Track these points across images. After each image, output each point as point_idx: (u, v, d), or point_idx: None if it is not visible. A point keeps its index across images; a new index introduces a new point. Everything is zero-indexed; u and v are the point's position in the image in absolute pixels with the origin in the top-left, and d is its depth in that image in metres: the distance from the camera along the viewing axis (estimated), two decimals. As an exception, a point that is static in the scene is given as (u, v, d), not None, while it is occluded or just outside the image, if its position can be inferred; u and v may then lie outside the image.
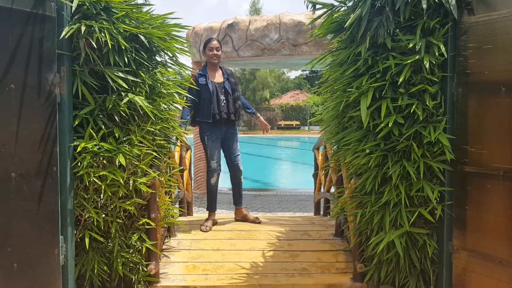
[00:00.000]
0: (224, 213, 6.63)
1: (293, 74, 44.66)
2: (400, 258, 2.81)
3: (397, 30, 2.71)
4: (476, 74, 2.52)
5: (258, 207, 7.18)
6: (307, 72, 43.25)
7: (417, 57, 2.58)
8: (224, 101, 4.41)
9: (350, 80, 2.90)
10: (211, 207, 4.61)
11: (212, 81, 4.42)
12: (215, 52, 4.44)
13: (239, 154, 4.61)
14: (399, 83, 2.66)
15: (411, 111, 2.64)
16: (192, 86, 4.06)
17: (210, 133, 4.47)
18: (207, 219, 4.52)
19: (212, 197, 4.61)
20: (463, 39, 2.57)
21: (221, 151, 4.60)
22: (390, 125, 2.63)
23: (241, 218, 4.70)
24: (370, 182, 2.81)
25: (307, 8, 3.10)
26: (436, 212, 2.71)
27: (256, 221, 4.56)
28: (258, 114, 4.89)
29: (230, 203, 7.45)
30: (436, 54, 2.60)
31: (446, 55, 2.61)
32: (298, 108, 33.38)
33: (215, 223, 4.56)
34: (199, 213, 6.37)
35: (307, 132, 29.13)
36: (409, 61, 2.59)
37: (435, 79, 2.65)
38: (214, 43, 4.48)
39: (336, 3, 2.97)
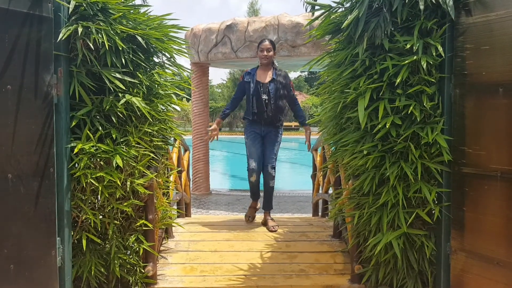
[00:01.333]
0: (222, 214, 6.63)
1: (291, 76, 44.70)
2: (398, 259, 2.81)
3: (395, 31, 2.71)
4: (474, 75, 2.52)
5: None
6: (306, 73, 43.27)
7: (415, 58, 2.58)
8: (266, 101, 4.40)
9: (348, 81, 2.90)
10: (254, 197, 4.75)
11: (258, 80, 4.43)
12: (265, 53, 4.44)
13: (273, 158, 4.52)
14: (396, 84, 2.65)
15: (409, 112, 2.64)
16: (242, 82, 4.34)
17: (250, 131, 4.53)
18: (249, 207, 4.78)
19: (254, 190, 4.66)
20: (461, 40, 2.57)
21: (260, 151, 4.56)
22: (387, 126, 2.63)
23: (264, 222, 4.63)
24: (368, 183, 2.81)
25: (306, 10, 3.11)
26: (433, 213, 2.70)
27: (271, 228, 4.40)
28: (308, 126, 4.69)
29: (229, 204, 7.47)
30: (434, 55, 2.60)
31: (443, 56, 2.61)
32: (297, 109, 33.30)
33: (257, 209, 4.79)
34: (197, 215, 6.38)
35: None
36: (407, 62, 2.59)
37: (433, 80, 2.65)
38: (266, 43, 4.47)
39: (333, 4, 2.97)
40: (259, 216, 4.81)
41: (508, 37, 2.34)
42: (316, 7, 3.03)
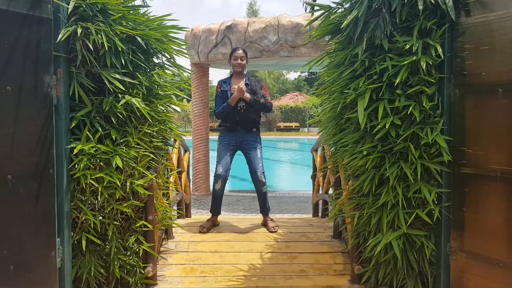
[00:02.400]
0: (222, 215, 6.62)
1: (292, 76, 44.71)
2: (398, 259, 2.80)
3: (394, 31, 2.71)
4: (473, 75, 2.51)
5: (257, 208, 7.12)
6: (306, 73, 43.28)
7: (414, 58, 2.57)
8: (244, 107, 4.40)
9: (347, 82, 2.89)
10: (213, 210, 4.59)
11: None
12: (239, 61, 4.48)
13: (260, 163, 4.49)
14: (396, 84, 2.65)
15: (408, 112, 2.63)
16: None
17: (224, 138, 4.53)
18: (207, 220, 4.52)
19: (215, 202, 4.57)
20: (460, 40, 2.57)
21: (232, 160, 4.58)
22: (387, 127, 2.63)
23: (264, 223, 4.64)
24: (368, 183, 2.81)
25: (306, 10, 3.11)
26: (433, 213, 2.70)
27: (271, 229, 4.41)
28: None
29: (229, 205, 7.47)
30: (433, 55, 2.59)
31: (443, 56, 2.61)
32: (297, 109, 33.39)
33: (215, 225, 4.55)
34: (197, 215, 6.37)
35: (306, 134, 29.13)
36: (406, 62, 2.59)
37: (432, 80, 2.65)
38: (239, 52, 4.51)
39: (333, 5, 2.97)
40: (259, 217, 4.81)
41: (508, 38, 2.34)
42: (316, 8, 3.03)
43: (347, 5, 2.91)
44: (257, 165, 4.49)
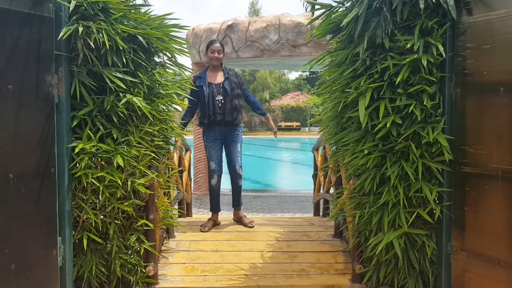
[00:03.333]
0: (224, 214, 6.62)
1: (293, 75, 44.68)
2: (399, 259, 2.80)
3: (395, 30, 2.71)
4: (475, 74, 2.51)
5: (258, 208, 7.18)
6: (307, 73, 43.25)
7: (415, 57, 2.57)
8: (222, 101, 4.39)
9: (349, 81, 2.89)
10: (213, 208, 4.60)
11: (210, 82, 4.42)
12: (216, 55, 4.44)
13: (239, 157, 4.53)
14: (397, 84, 2.65)
15: (409, 111, 2.63)
16: (192, 87, 4.12)
17: (209, 134, 4.51)
18: (208, 219, 4.52)
19: (213, 198, 4.59)
20: (462, 39, 2.57)
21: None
22: (388, 126, 2.63)
23: (237, 219, 4.68)
24: (369, 182, 2.81)
25: (306, 10, 3.10)
26: (434, 213, 2.70)
27: (249, 225, 4.48)
28: (268, 115, 4.84)
29: (230, 204, 7.44)
30: (435, 54, 2.59)
31: (444, 55, 2.61)
32: (298, 109, 33.38)
33: (216, 224, 4.56)
34: (199, 214, 6.38)
35: (307, 133, 29.13)
36: (407, 61, 2.59)
37: (434, 79, 2.65)
38: (216, 45, 4.47)
39: (334, 4, 2.97)
40: (261, 216, 4.81)
41: (509, 36, 2.34)
42: (317, 7, 3.03)
43: (348, 4, 2.91)
44: (236, 158, 4.52)
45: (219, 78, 4.46)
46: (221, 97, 4.40)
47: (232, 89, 4.43)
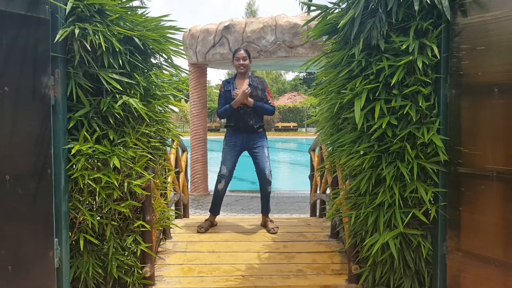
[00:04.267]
0: (221, 215, 6.63)
1: (289, 76, 44.69)
2: (395, 259, 2.81)
3: (391, 31, 2.72)
4: (469, 75, 2.53)
5: (255, 208, 7.18)
6: (304, 74, 43.29)
7: (411, 58, 2.59)
8: (242, 109, 4.37)
9: (344, 82, 2.91)
10: (213, 210, 4.56)
11: (237, 88, 4.41)
12: (241, 62, 4.43)
13: (267, 162, 4.47)
14: (392, 85, 2.66)
15: (405, 112, 2.65)
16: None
17: (229, 139, 4.50)
18: (206, 220, 4.51)
19: (216, 201, 4.55)
20: (456, 40, 2.58)
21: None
22: (383, 127, 2.64)
23: (263, 224, 4.61)
24: (365, 183, 2.82)
25: (302, 9, 3.12)
26: (430, 213, 2.71)
27: (272, 231, 4.38)
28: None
29: (227, 205, 7.48)
30: (430, 55, 2.61)
31: (439, 57, 2.62)
32: (295, 110, 33.40)
33: (213, 225, 4.55)
34: (195, 215, 6.38)
35: (304, 134, 29.14)
36: (403, 62, 2.60)
37: (429, 81, 2.66)
38: (241, 52, 4.46)
39: (329, 5, 2.98)
40: (257, 217, 4.82)
41: (503, 38, 2.35)
42: (312, 8, 3.04)
43: (344, 5, 2.92)
44: (265, 163, 4.47)
45: (245, 85, 4.43)
46: (242, 105, 4.37)
47: (253, 97, 4.39)
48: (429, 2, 2.57)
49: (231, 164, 4.46)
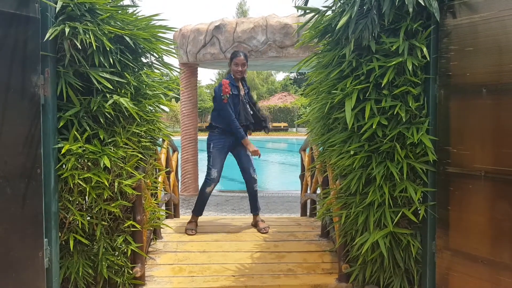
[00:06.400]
0: (211, 215, 6.63)
1: (280, 76, 44.75)
2: (385, 258, 2.84)
3: (381, 32, 2.74)
4: (458, 76, 2.56)
5: (246, 208, 7.18)
6: (294, 74, 43.38)
7: (400, 59, 2.61)
8: (250, 112, 4.39)
9: (335, 82, 2.92)
10: (199, 212, 4.51)
11: (240, 93, 4.36)
12: (240, 68, 4.31)
13: (251, 161, 4.49)
14: (382, 85, 2.69)
15: (395, 112, 2.67)
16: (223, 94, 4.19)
17: (217, 141, 4.38)
18: (191, 222, 4.45)
19: (203, 204, 4.51)
20: (445, 42, 2.61)
21: (225, 162, 4.50)
22: (374, 127, 2.66)
23: (254, 224, 4.59)
24: (355, 183, 2.84)
25: (297, 11, 3.12)
26: (419, 212, 2.74)
27: (262, 230, 4.38)
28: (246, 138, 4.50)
29: (218, 205, 7.47)
30: (419, 56, 2.63)
31: (428, 58, 2.65)
32: (286, 110, 33.45)
33: (197, 225, 4.53)
34: (186, 215, 6.36)
35: (295, 134, 29.19)
36: (393, 63, 2.63)
37: (418, 81, 2.69)
38: (241, 58, 4.31)
39: (321, 7, 2.99)
40: (248, 217, 4.82)
41: (491, 39, 2.38)
42: (306, 11, 3.05)
43: (336, 6, 2.93)
44: (249, 162, 4.47)
45: (241, 89, 4.40)
46: (249, 108, 4.38)
47: (251, 99, 4.46)
48: (420, 2, 2.58)
49: (220, 166, 4.42)
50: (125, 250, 3.03)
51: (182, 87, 8.27)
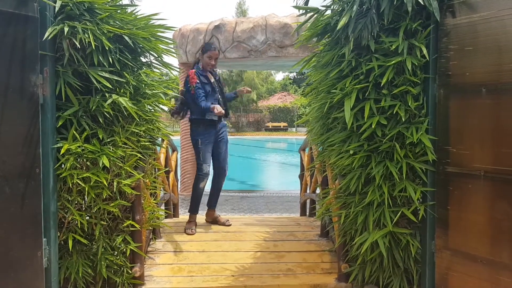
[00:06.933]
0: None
1: (279, 76, 44.77)
2: (384, 258, 2.84)
3: (380, 32, 2.73)
4: (458, 75, 2.55)
5: (245, 208, 7.19)
6: (294, 74, 43.38)
7: (400, 59, 2.61)
8: (221, 99, 4.41)
9: (334, 82, 2.92)
10: (195, 209, 4.52)
11: (210, 81, 4.36)
12: (213, 62, 4.37)
13: (227, 158, 4.53)
14: (382, 85, 2.68)
15: (394, 112, 2.67)
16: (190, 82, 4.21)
17: (204, 137, 4.36)
18: (190, 222, 4.46)
19: (198, 200, 4.53)
20: (445, 41, 2.61)
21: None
22: (373, 126, 2.66)
23: (212, 220, 4.63)
24: (354, 182, 2.84)
25: (298, 11, 3.12)
26: (418, 212, 2.73)
27: (227, 223, 4.46)
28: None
29: (217, 205, 7.45)
30: (418, 56, 2.63)
31: (428, 57, 2.65)
32: (285, 109, 33.47)
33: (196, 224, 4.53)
34: (185, 215, 6.34)
35: (294, 134, 29.20)
36: (392, 62, 2.62)
37: (417, 81, 2.69)
38: (216, 53, 4.36)
39: (321, 7, 2.99)
40: (248, 217, 4.81)
41: (491, 38, 2.38)
42: (304, 10, 3.05)
43: (335, 7, 2.93)
44: (226, 155, 4.55)
45: (211, 77, 4.41)
46: (219, 96, 4.39)
47: (222, 88, 4.47)
48: (420, 1, 2.58)
49: (210, 160, 4.47)
50: (124, 249, 3.03)
51: (181, 87, 8.25)
